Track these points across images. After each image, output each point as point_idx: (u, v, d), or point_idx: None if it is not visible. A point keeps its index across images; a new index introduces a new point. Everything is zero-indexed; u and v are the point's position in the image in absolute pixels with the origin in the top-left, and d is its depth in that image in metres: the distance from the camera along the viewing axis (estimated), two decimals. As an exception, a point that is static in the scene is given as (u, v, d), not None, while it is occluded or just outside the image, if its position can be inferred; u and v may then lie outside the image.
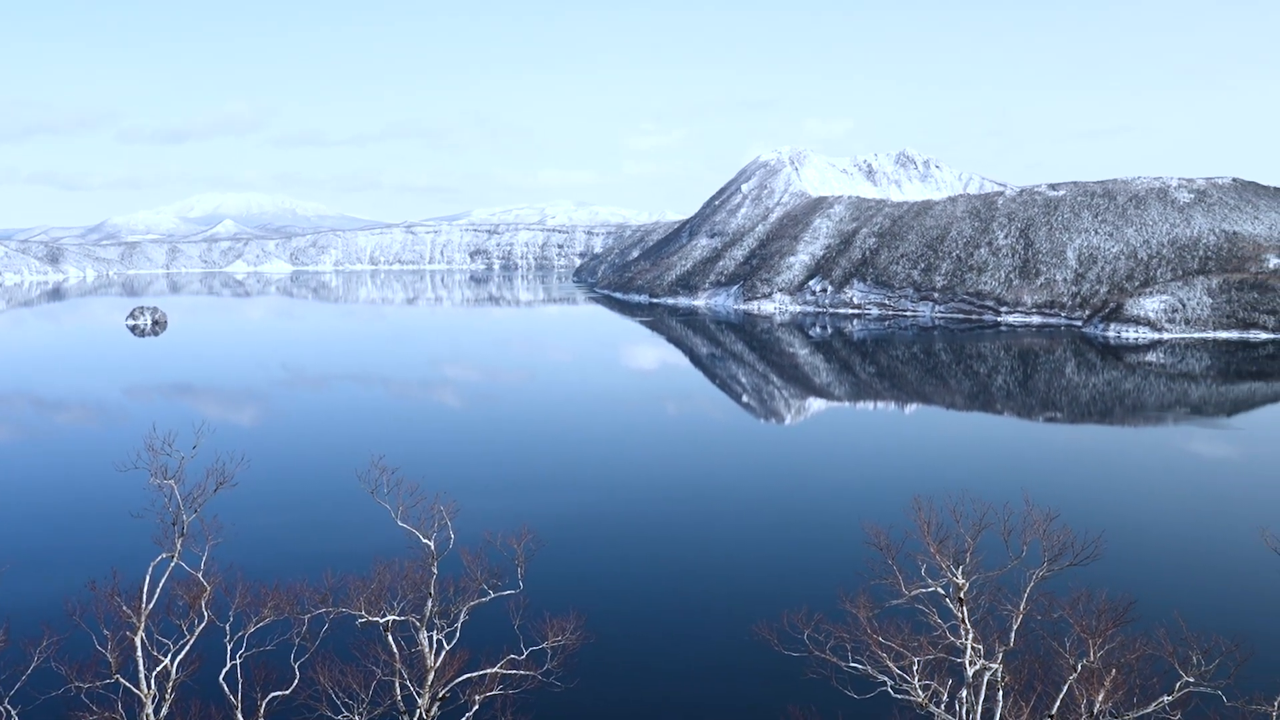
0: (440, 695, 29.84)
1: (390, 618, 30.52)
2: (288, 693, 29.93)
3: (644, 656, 59.51)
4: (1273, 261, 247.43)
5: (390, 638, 30.09)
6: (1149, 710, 27.48)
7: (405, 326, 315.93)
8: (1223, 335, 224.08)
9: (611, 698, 53.30)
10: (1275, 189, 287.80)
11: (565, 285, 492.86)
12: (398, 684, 29.70)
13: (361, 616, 30.47)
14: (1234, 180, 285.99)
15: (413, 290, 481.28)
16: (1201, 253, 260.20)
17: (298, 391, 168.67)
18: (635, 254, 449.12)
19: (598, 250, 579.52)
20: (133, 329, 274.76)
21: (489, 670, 30.93)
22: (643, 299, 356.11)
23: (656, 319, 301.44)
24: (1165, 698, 27.71)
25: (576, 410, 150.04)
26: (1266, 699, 27.00)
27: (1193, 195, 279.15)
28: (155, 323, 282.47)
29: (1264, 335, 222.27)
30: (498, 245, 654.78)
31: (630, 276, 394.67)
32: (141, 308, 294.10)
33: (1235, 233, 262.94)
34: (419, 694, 29.50)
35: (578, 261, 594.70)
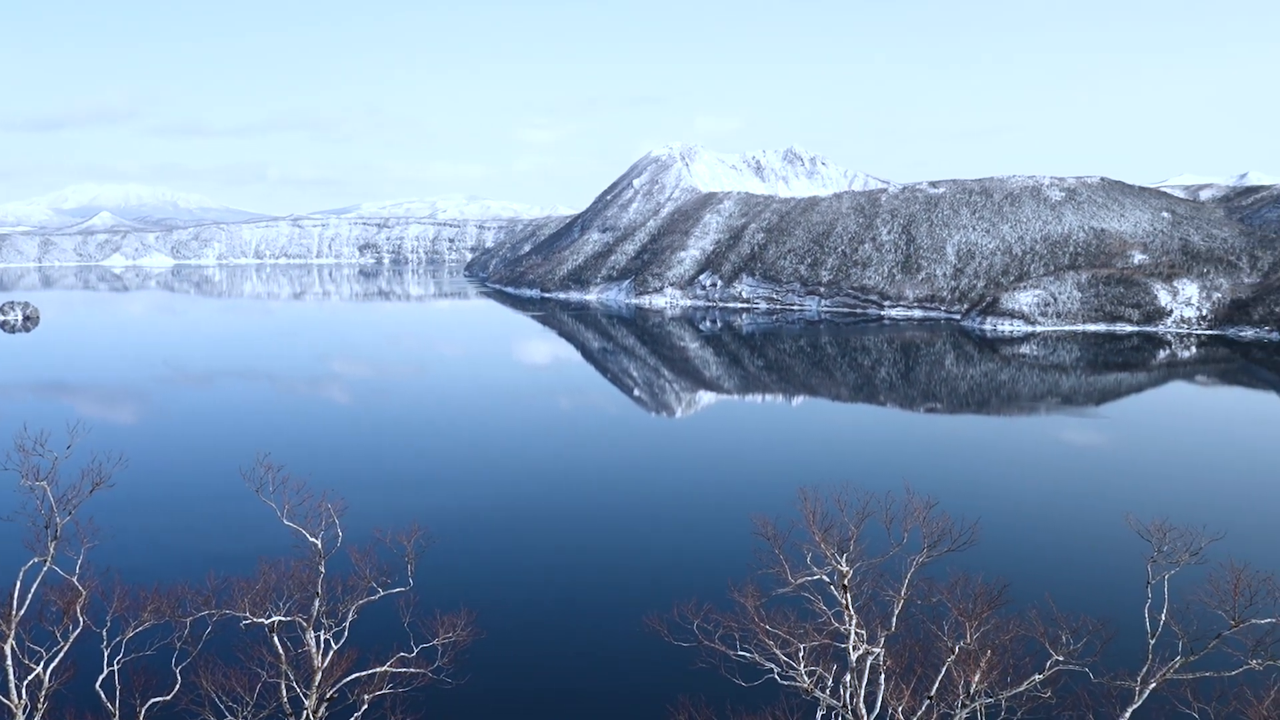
0: (328, 696, 29.40)
1: (276, 618, 29.91)
2: (168, 698, 29.12)
3: (535, 650, 59.50)
4: (1137, 257, 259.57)
5: (276, 639, 29.50)
6: (1021, 689, 28.64)
7: (292, 322, 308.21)
8: (1091, 328, 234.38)
9: (503, 692, 53.19)
10: (1140, 188, 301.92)
11: (456, 280, 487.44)
12: (283, 686, 29.14)
13: (246, 618, 29.79)
14: (1102, 180, 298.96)
15: (300, 285, 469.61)
16: (1072, 249, 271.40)
17: (179, 389, 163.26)
18: (527, 248, 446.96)
19: (489, 245, 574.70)
20: (1, 325, 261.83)
21: (378, 669, 30.58)
22: (535, 294, 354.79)
23: (548, 314, 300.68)
24: (1037, 676, 28.93)
25: (468, 405, 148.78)
26: (1130, 674, 28.40)
27: (1064, 194, 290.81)
28: (26, 318, 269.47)
29: (1129, 328, 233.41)
30: (387, 239, 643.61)
31: (522, 271, 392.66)
32: (11, 303, 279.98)
33: (1103, 230, 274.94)
34: (305, 695, 29.01)
35: (469, 256, 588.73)
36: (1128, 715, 27.78)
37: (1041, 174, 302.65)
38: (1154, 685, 27.76)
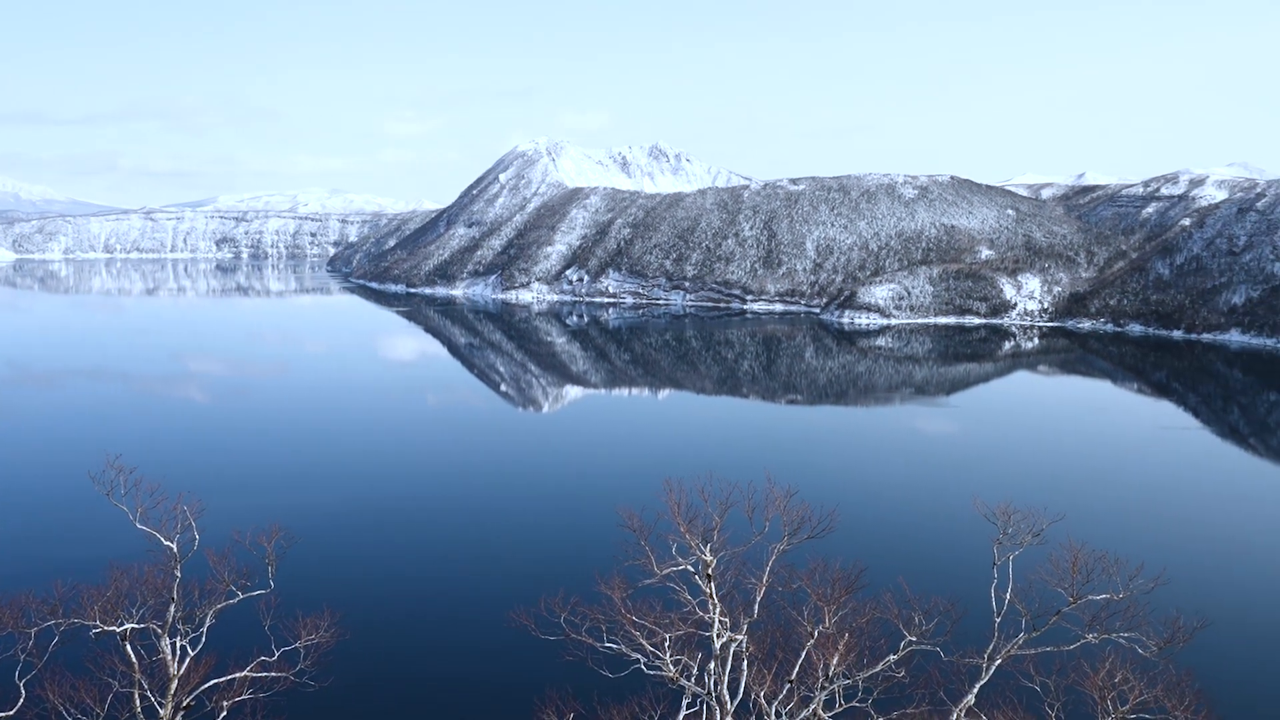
0: (184, 704, 28.52)
1: (128, 626, 28.83)
2: (12, 713, 27.78)
3: (401, 649, 58.76)
4: (984, 253, 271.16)
5: (128, 647, 28.43)
6: (877, 669, 29.75)
7: (145, 318, 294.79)
8: (942, 320, 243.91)
9: (367, 693, 52.39)
10: (987, 187, 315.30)
11: (319, 275, 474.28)
12: (137, 695, 28.13)
13: (96, 626, 28.63)
14: (952, 178, 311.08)
15: (153, 280, 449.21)
16: (924, 244, 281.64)
17: (22, 390, 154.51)
18: (392, 243, 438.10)
19: (353, 239, 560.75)
20: None
21: (237, 674, 29.81)
22: (399, 289, 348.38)
23: (414, 309, 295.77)
24: (891, 657, 30.11)
25: (332, 403, 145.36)
26: (978, 652, 29.77)
27: (917, 191, 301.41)
28: None
29: (977, 320, 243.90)
30: (246, 233, 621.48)
31: (387, 266, 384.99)
32: None
33: (953, 226, 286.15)
34: (160, 704, 28.09)
35: (332, 251, 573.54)
36: (975, 690, 29.07)
37: (896, 172, 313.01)
38: (1000, 661, 29.14)
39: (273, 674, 30.46)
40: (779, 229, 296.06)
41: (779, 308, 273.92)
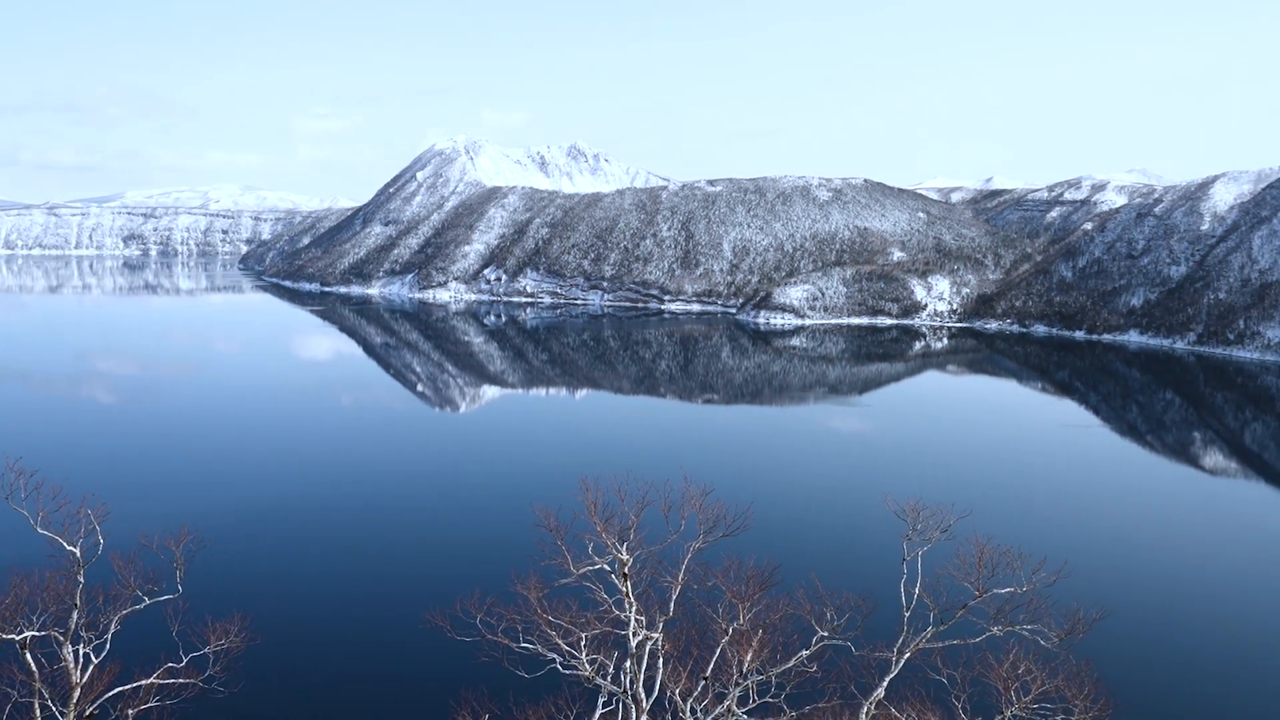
0: (88, 713, 27.76)
1: (28, 634, 27.93)
2: (-97, 727, 26.74)
3: (314, 652, 57.90)
4: (896, 255, 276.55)
5: (28, 655, 27.55)
6: (790, 665, 30.19)
7: (48, 317, 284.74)
8: (855, 321, 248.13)
9: (279, 698, 51.52)
10: (899, 190, 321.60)
11: (231, 273, 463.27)
12: (37, 705, 27.29)
13: (-7, 635, 27.67)
14: (865, 181, 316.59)
15: (57, 278, 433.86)
16: (838, 246, 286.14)
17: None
18: (306, 241, 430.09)
19: (266, 237, 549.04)
20: None
21: (143, 682, 29.07)
22: (314, 288, 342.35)
23: (329, 308, 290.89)
24: (804, 652, 30.58)
25: (244, 403, 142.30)
26: (887, 646, 30.38)
27: (831, 194, 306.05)
28: None
29: (889, 321, 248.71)
30: (155, 230, 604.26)
31: (301, 264, 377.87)
32: None
33: (866, 228, 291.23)
34: (62, 713, 27.30)
35: (244, 249, 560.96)
36: (885, 684, 29.67)
37: (811, 175, 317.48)
38: (909, 655, 29.76)
39: (180, 681, 29.77)
40: (696, 230, 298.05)
41: (696, 308, 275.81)
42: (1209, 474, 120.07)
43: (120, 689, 28.64)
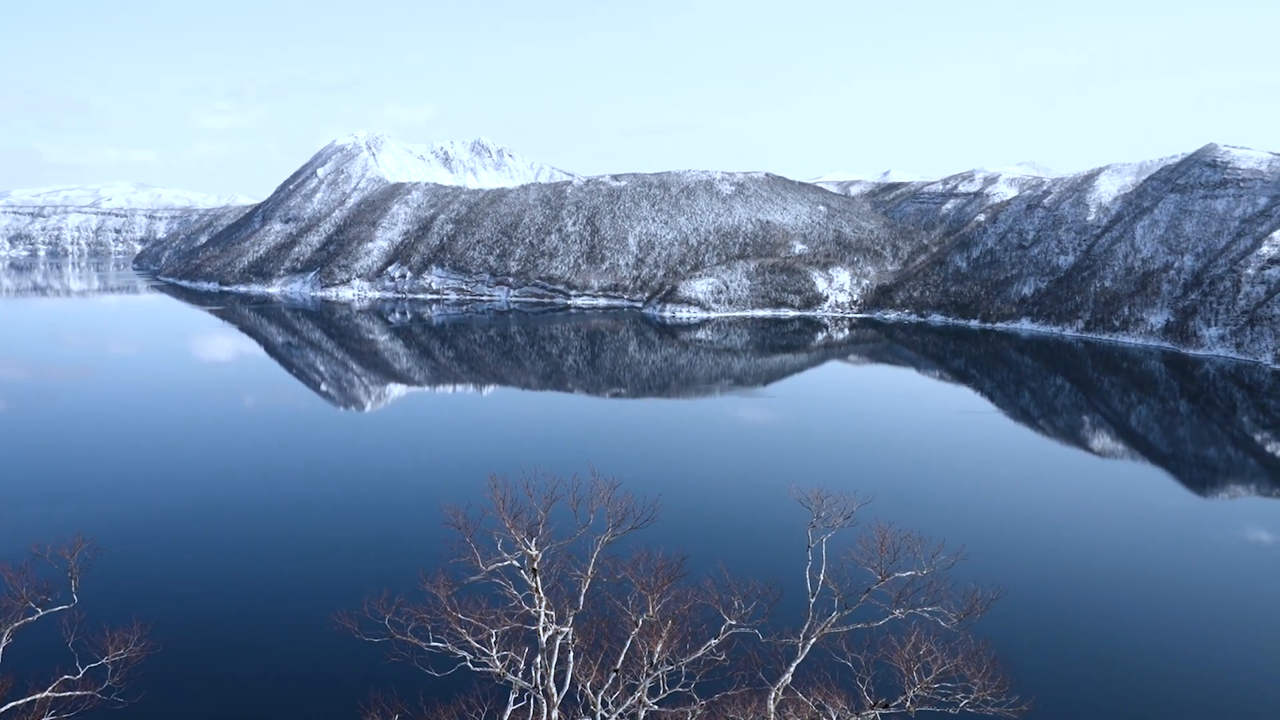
0: (-23, 731, 26.75)
1: (-90, 652, 26.80)
2: None
3: (218, 658, 56.57)
4: (798, 248, 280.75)
5: (-89, 675, 26.44)
6: (699, 654, 30.53)
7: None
8: (759, 313, 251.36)
9: (182, 706, 50.23)
10: (800, 184, 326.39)
11: (125, 273, 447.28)
12: (-78, 726, 26.21)
13: (-128, 654, 26.47)
14: (767, 175, 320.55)
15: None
16: (742, 240, 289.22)
17: None
18: (204, 240, 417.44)
19: (161, 235, 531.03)
20: None
21: (38, 695, 28.14)
22: (213, 287, 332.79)
23: (228, 308, 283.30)
24: (713, 641, 30.97)
25: (141, 406, 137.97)
26: (794, 632, 30.92)
27: (734, 188, 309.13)
28: None
29: (791, 313, 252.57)
30: (43, 230, 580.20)
31: (198, 263, 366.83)
32: None
33: (769, 222, 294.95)
34: (-50, 733, 26.26)
35: (139, 248, 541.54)
36: (792, 669, 30.18)
37: (714, 169, 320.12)
38: (815, 640, 30.32)
39: (77, 693, 28.89)
40: (602, 225, 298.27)
41: (603, 302, 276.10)
42: (1097, 456, 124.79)
43: (13, 704, 27.68)
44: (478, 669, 29.61)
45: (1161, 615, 67.66)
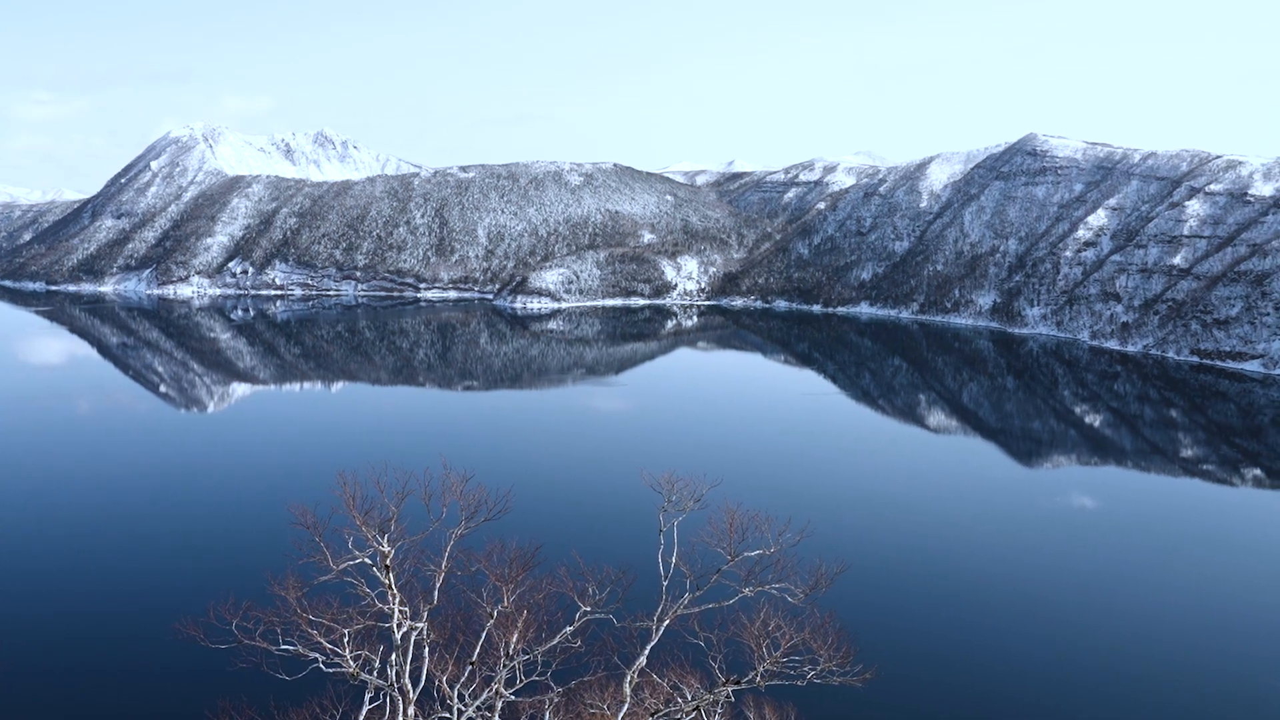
0: None
1: None
2: None
3: (57, 673, 53.91)
4: (647, 237, 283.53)
5: None
6: (555, 642, 30.86)
7: None
8: (610, 302, 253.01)
9: (15, 732, 47.76)
10: (648, 174, 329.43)
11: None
12: None
13: None
14: (615, 166, 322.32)
15: None
16: (591, 230, 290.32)
17: None
18: (28, 237, 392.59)
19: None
20: None
21: None
22: (39, 286, 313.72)
23: (56, 308, 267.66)
24: (568, 628, 31.33)
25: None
26: (648, 615, 31.53)
27: (582, 178, 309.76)
28: None
29: (642, 301, 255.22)
30: None
31: (22, 262, 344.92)
32: None
33: (618, 212, 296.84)
34: None
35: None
36: (646, 652, 30.83)
37: (563, 160, 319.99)
38: (668, 622, 30.99)
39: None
40: (451, 217, 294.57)
41: (453, 295, 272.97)
42: (933, 432, 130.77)
43: None
44: (331, 670, 29.25)
45: (995, 580, 71.69)
